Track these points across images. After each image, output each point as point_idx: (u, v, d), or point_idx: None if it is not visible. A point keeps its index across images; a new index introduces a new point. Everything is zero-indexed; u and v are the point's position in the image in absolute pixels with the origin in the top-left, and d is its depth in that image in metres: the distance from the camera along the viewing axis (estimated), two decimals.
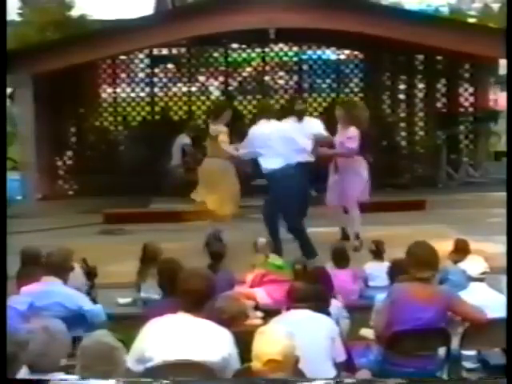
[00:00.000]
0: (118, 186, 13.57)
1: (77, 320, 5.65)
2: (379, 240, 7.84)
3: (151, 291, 6.63)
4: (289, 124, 9.19)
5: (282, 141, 8.70)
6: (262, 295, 7.26)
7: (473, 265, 5.92)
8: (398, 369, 4.99)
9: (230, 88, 16.94)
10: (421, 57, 15.91)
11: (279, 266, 7.61)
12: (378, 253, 7.68)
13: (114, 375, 3.59)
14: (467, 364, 5.42)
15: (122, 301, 7.53)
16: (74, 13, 27.07)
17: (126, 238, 10.58)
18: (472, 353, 5.49)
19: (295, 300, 5.13)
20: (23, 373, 3.77)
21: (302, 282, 5.55)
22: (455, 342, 5.20)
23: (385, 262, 7.32)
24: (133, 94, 16.67)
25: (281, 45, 16.65)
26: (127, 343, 4.23)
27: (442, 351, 5.18)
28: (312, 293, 5.22)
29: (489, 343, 5.40)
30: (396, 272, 6.13)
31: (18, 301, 5.65)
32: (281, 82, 17.09)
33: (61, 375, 3.75)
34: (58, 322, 4.00)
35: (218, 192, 9.21)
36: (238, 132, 10.12)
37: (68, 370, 3.87)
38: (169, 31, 12.31)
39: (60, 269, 5.94)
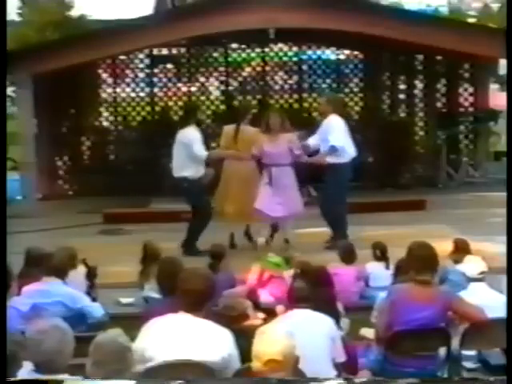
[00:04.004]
0: (118, 186, 13.58)
1: (77, 319, 5.66)
2: (382, 244, 7.75)
3: (153, 290, 6.63)
4: None
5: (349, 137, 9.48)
6: (264, 294, 7.26)
7: (471, 265, 5.91)
8: (398, 369, 4.99)
9: (230, 88, 16.93)
10: (421, 57, 15.91)
11: (277, 263, 7.62)
12: (382, 258, 7.63)
13: (123, 375, 3.60)
14: (467, 364, 5.41)
15: (124, 301, 7.53)
16: (74, 13, 27.07)
17: (126, 237, 10.59)
18: (472, 353, 5.48)
19: (296, 300, 5.13)
20: (26, 372, 3.76)
21: (302, 281, 5.54)
22: (455, 342, 5.20)
23: (390, 266, 7.30)
24: (133, 94, 16.65)
25: (281, 45, 16.64)
26: None
27: (442, 351, 5.18)
28: (313, 292, 5.22)
29: (489, 343, 5.39)
30: (399, 272, 6.12)
31: (19, 302, 5.66)
32: (281, 82, 17.09)
33: (63, 376, 3.75)
34: (61, 321, 4.01)
35: None
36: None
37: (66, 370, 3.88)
38: (169, 31, 12.31)
39: (60, 269, 5.94)
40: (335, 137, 9.35)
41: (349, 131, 9.62)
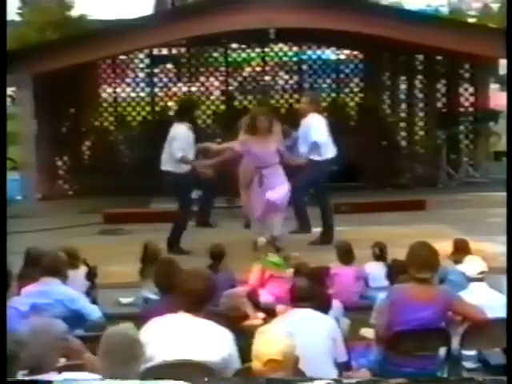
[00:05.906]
0: (118, 186, 13.58)
1: (76, 320, 5.65)
2: (382, 243, 7.75)
3: (150, 291, 6.63)
4: None
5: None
6: (265, 294, 7.26)
7: (471, 265, 5.92)
8: (398, 369, 4.99)
9: (230, 88, 16.94)
10: (421, 57, 15.91)
11: (276, 263, 7.62)
12: (381, 257, 7.63)
13: (131, 368, 3.61)
14: (467, 364, 5.41)
15: (124, 300, 7.53)
16: (74, 13, 27.19)
17: (126, 237, 10.58)
18: (472, 353, 5.48)
19: (297, 299, 5.12)
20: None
21: (304, 279, 5.54)
22: (455, 342, 5.20)
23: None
24: (133, 94, 16.69)
25: (281, 45, 16.67)
26: None
27: (442, 351, 5.17)
28: (314, 292, 5.21)
29: (489, 343, 5.40)
30: (396, 273, 6.12)
31: (19, 302, 5.66)
32: (281, 82, 17.09)
33: (55, 375, 3.74)
34: (52, 320, 4.01)
35: None
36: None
37: (66, 370, 3.88)
38: (169, 31, 12.31)
39: (56, 269, 5.94)
40: (317, 133, 9.39)
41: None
